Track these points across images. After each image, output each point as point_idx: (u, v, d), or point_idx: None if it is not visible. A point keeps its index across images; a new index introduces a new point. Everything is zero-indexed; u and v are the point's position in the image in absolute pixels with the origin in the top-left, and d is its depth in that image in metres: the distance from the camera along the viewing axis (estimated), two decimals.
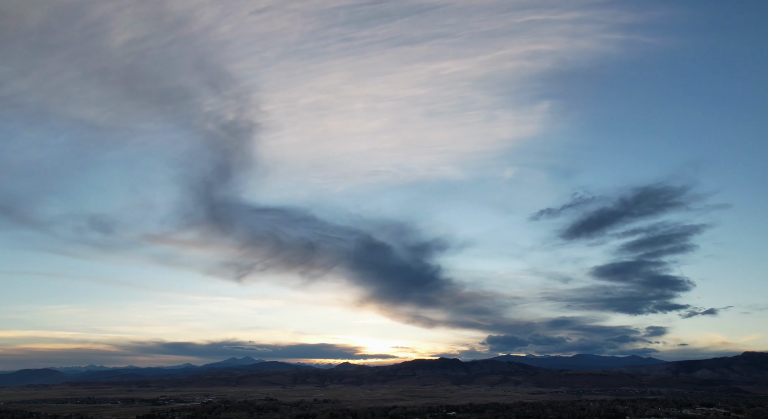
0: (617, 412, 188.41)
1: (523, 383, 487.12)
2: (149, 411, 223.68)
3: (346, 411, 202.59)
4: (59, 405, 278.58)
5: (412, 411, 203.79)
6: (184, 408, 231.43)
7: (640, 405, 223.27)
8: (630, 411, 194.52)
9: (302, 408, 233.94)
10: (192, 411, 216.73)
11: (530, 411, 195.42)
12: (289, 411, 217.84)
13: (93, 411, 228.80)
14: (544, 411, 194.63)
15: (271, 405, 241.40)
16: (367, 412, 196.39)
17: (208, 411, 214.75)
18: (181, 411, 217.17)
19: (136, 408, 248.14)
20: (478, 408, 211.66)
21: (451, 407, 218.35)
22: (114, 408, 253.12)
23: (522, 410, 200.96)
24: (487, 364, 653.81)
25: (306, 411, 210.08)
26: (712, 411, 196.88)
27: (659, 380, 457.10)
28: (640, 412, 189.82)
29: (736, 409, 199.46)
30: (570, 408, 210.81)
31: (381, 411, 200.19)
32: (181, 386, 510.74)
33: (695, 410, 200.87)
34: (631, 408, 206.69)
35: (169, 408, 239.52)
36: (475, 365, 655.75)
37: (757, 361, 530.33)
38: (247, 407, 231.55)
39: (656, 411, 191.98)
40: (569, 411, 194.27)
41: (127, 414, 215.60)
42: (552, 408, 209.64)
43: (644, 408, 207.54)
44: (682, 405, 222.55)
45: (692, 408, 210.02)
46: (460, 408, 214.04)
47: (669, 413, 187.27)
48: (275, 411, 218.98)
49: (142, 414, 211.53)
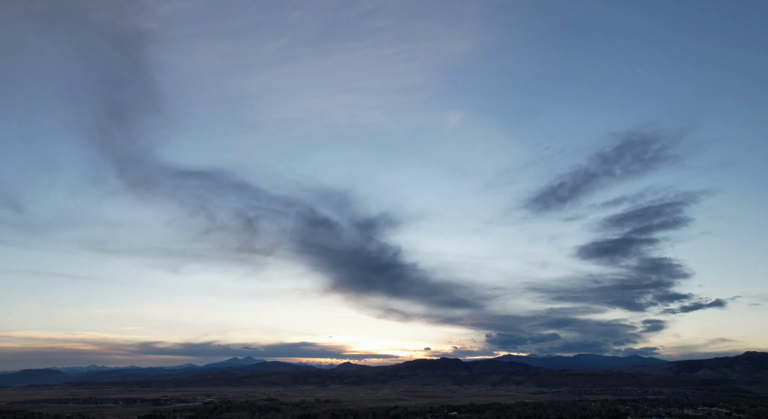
0: (619, 412, 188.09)
1: (525, 383, 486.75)
2: (151, 411, 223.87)
3: (348, 411, 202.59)
4: (61, 405, 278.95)
5: (414, 411, 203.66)
6: (185, 409, 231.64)
7: (641, 405, 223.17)
8: (631, 411, 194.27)
9: (303, 408, 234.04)
10: (193, 412, 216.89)
11: (531, 411, 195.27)
12: (291, 411, 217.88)
13: (95, 411, 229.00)
14: (545, 411, 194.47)
15: (273, 406, 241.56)
16: (368, 412, 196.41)
17: (210, 412, 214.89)
18: (182, 412, 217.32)
19: (138, 408, 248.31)
20: (479, 408, 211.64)
21: (453, 407, 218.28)
22: (115, 408, 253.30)
23: (523, 410, 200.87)
24: (489, 364, 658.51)
25: (307, 412, 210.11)
26: (713, 410, 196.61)
27: (661, 380, 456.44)
28: (642, 412, 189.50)
29: (737, 409, 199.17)
30: (571, 408, 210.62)
31: (382, 411, 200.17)
32: (182, 386, 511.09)
33: (697, 410, 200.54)
34: (633, 408, 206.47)
35: (170, 408, 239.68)
36: (477, 365, 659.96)
37: (759, 361, 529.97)
38: (248, 407, 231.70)
39: (658, 411, 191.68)
40: (570, 411, 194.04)
41: (129, 414, 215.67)
42: (553, 408, 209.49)
43: (646, 408, 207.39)
44: (683, 405, 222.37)
45: (694, 408, 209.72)
46: (462, 408, 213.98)
47: (671, 413, 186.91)
48: (277, 411, 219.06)
49: (143, 414, 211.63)
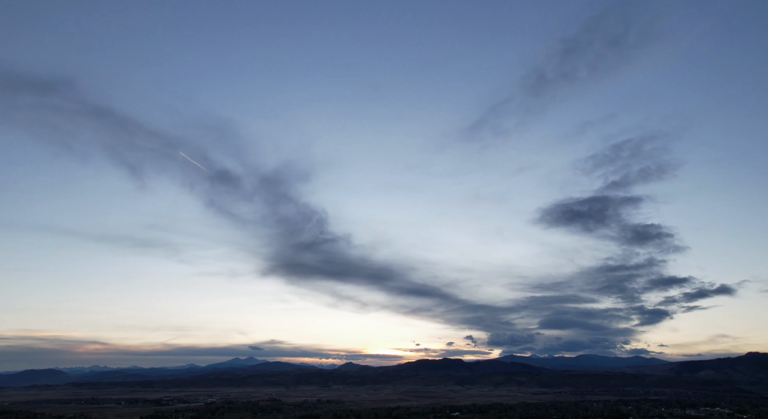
0: (621, 413, 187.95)
1: (527, 383, 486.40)
2: (153, 411, 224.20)
3: (350, 411, 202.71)
4: (63, 405, 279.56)
5: (416, 411, 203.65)
6: (187, 409, 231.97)
7: (643, 405, 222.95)
8: (633, 411, 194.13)
9: (306, 408, 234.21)
10: (195, 412, 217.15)
11: (534, 412, 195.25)
12: (293, 411, 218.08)
13: (97, 411, 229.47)
14: (547, 412, 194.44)
15: (275, 406, 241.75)
16: (370, 413, 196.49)
17: (212, 412, 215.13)
18: (184, 412, 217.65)
19: (140, 408, 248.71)
20: (481, 408, 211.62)
21: (455, 407, 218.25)
22: (118, 408, 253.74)
23: (525, 410, 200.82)
24: (491, 365, 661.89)
25: (309, 412, 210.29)
26: (716, 411, 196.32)
27: (663, 380, 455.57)
28: (644, 413, 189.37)
29: (740, 409, 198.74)
30: (573, 408, 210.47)
31: (384, 412, 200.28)
32: (184, 386, 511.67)
33: (699, 410, 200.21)
34: (635, 408, 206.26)
35: (172, 408, 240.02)
36: (479, 365, 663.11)
37: (761, 362, 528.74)
38: (250, 407, 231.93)
39: (660, 412, 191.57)
40: (573, 412, 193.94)
41: (131, 414, 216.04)
42: (555, 408, 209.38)
43: (648, 408, 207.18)
44: (685, 405, 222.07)
45: (696, 408, 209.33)
46: (464, 408, 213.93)
47: (672, 413, 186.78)
48: (279, 411, 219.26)
49: (145, 414, 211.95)
